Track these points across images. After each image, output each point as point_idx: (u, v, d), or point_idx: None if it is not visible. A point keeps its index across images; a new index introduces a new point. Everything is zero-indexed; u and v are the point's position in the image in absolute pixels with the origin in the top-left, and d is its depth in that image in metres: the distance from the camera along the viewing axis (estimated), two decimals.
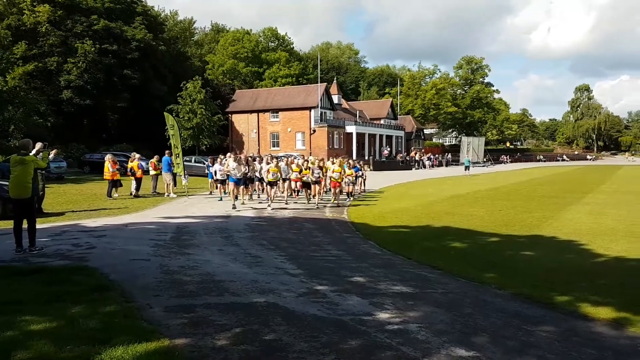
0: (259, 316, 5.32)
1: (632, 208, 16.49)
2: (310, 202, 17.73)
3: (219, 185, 19.64)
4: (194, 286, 6.51)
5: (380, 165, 49.74)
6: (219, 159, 20.41)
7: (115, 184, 18.82)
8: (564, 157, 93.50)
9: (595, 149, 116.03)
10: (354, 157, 45.56)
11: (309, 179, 17.68)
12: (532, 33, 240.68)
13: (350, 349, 4.49)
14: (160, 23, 58.88)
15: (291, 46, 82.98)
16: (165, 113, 23.30)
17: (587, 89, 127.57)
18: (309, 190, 17.94)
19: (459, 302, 6.14)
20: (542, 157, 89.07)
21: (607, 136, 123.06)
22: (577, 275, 7.49)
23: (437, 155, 68.77)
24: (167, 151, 20.55)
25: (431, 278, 7.53)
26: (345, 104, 68.00)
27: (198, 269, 7.56)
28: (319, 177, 17.99)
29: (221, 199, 18.62)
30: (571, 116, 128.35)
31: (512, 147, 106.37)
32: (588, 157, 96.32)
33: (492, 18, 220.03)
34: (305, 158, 22.24)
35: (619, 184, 29.33)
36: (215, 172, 19.45)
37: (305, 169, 17.81)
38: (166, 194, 19.70)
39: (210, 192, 21.28)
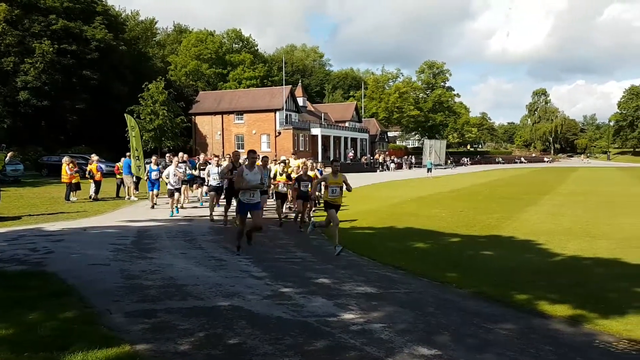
0: (223, 320, 5.28)
1: (588, 209, 17.06)
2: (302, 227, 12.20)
3: (174, 196, 14.62)
4: (156, 291, 6.41)
5: (345, 168, 49.87)
6: (175, 159, 16.13)
7: (73, 187, 18.33)
8: (522, 159, 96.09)
9: (552, 152, 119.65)
10: (319, 159, 45.71)
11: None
12: (492, 38, 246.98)
13: (315, 351, 4.50)
14: (120, 23, 57.76)
15: (255, 48, 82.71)
16: (125, 114, 22.83)
17: (544, 93, 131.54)
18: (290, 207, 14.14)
19: (421, 302, 6.23)
20: (501, 159, 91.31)
21: (564, 139, 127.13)
22: (535, 274, 7.70)
23: (407, 157, 69.88)
24: (127, 153, 20.11)
25: (395, 278, 7.62)
26: (310, 107, 68.19)
27: (160, 273, 7.44)
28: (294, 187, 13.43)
29: (172, 214, 14.56)
30: (529, 120, 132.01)
31: (472, 149, 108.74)
32: (545, 159, 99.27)
33: (453, 23, 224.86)
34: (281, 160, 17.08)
35: (575, 185, 30.31)
36: (168, 176, 14.65)
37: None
38: (127, 197, 19.28)
39: (153, 205, 16.19)
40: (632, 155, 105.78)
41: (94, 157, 20.37)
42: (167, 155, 19.29)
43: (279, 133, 54.00)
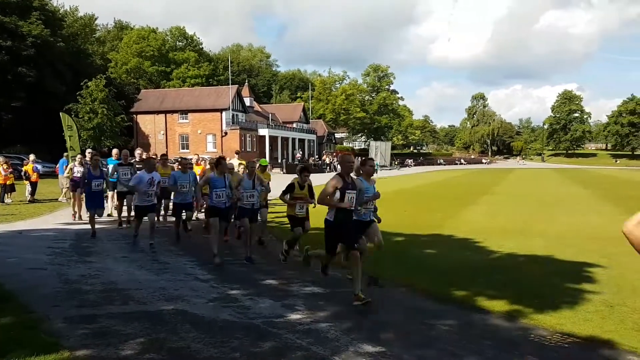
0: (167, 324, 5.20)
1: (522, 208, 17.80)
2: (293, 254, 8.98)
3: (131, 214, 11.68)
4: (96, 295, 6.24)
5: (293, 168, 50.04)
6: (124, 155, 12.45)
7: (8, 188, 17.50)
8: (462, 160, 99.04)
9: (490, 153, 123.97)
10: (267, 160, 45.49)
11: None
12: (435, 42, 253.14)
13: (261, 352, 4.51)
14: (59, 19, 55.35)
15: (200, 46, 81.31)
16: (61, 113, 21.87)
17: (483, 97, 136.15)
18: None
19: None
20: (442, 160, 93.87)
21: (501, 141, 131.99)
22: (474, 271, 7.98)
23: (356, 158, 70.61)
24: (65, 153, 19.34)
25: (341, 278, 7.69)
26: (257, 107, 67.80)
27: (100, 277, 7.23)
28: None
29: (136, 239, 10.04)
30: (468, 123, 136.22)
31: (415, 151, 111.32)
32: (483, 160, 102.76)
33: (397, 27, 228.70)
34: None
35: (511, 186, 31.56)
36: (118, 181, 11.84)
37: None
38: (62, 198, 18.48)
39: (75, 214, 13.49)
40: (565, 157, 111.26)
41: (32, 157, 19.47)
42: (138, 152, 14.36)
43: (226, 133, 53.39)
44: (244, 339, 4.80)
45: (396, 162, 72.13)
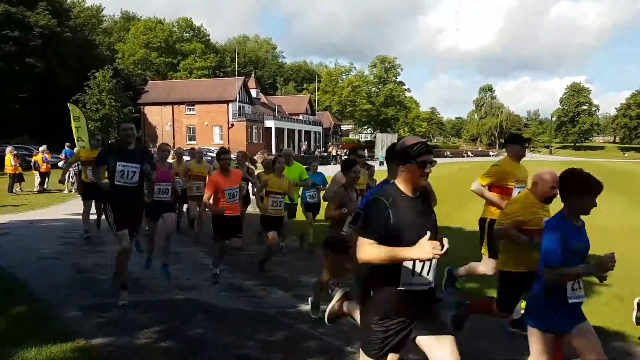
0: (181, 313, 5.26)
1: None
2: None
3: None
4: (110, 285, 6.28)
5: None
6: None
7: (17, 178, 17.66)
8: (469, 153, 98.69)
9: (497, 146, 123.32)
10: (273, 152, 45.56)
11: None
12: (443, 33, 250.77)
13: (274, 341, 4.56)
14: (66, 9, 55.38)
15: (207, 38, 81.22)
16: (69, 104, 21.94)
17: (490, 89, 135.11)
18: None
19: None
20: (449, 153, 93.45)
21: (509, 134, 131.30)
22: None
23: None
24: (67, 144, 19.49)
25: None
26: (263, 99, 67.72)
27: (113, 267, 7.29)
28: None
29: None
30: (476, 115, 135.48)
31: None
32: (491, 153, 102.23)
33: (404, 18, 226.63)
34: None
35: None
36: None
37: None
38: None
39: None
40: (573, 149, 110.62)
41: (42, 148, 19.59)
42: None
43: (232, 125, 53.42)
44: (258, 328, 4.85)
45: None
